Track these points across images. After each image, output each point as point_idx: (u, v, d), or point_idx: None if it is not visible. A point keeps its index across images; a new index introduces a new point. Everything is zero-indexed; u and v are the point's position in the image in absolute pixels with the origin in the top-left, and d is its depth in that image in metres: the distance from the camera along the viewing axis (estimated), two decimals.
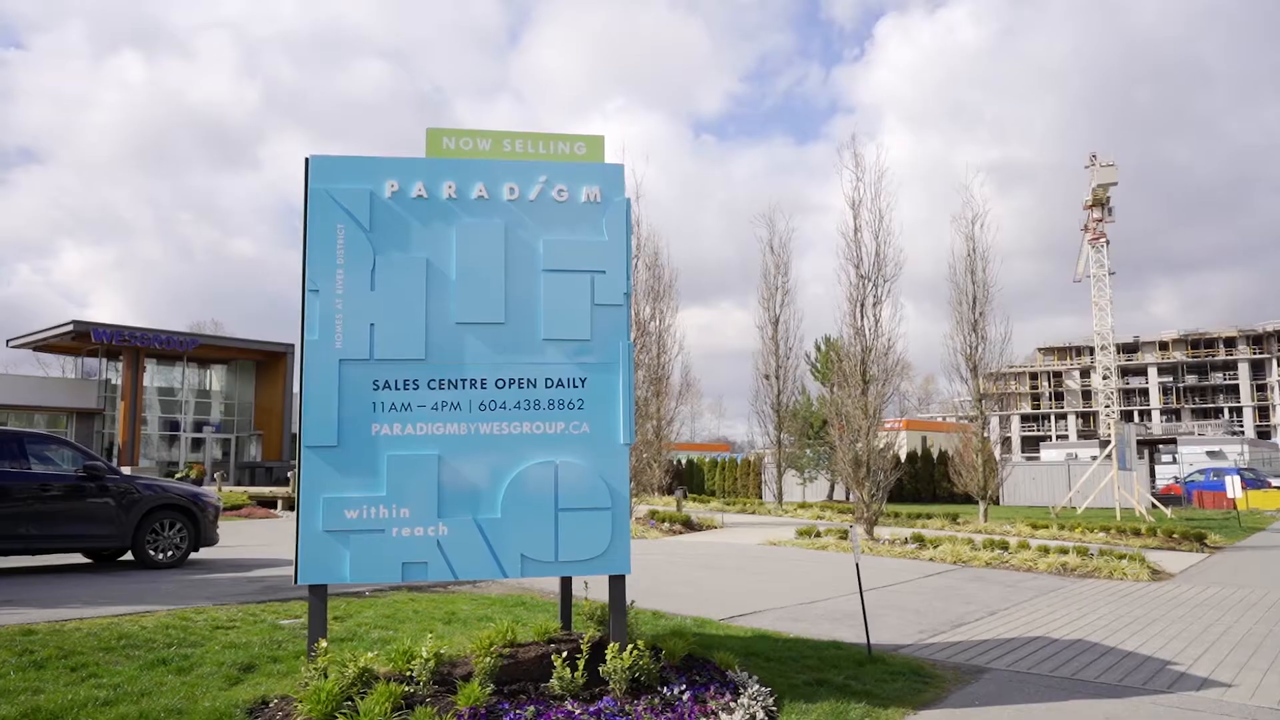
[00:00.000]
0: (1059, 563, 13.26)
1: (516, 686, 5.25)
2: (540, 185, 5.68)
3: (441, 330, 5.48)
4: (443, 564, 5.30)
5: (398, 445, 5.34)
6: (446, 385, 5.45)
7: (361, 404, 5.34)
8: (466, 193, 5.61)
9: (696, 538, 18.02)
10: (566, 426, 5.52)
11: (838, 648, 7.36)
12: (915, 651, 7.50)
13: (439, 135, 5.76)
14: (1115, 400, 26.60)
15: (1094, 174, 60.14)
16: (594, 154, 5.88)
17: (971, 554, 14.22)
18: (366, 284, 5.43)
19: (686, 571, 12.68)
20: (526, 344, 5.55)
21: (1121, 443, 24.30)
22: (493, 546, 5.35)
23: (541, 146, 5.83)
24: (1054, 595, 10.97)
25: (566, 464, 5.47)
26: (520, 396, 5.51)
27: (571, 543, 5.43)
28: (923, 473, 42.53)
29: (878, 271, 16.74)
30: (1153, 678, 6.63)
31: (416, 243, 5.52)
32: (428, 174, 5.59)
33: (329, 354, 5.33)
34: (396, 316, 5.44)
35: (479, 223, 5.59)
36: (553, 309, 5.59)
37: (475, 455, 5.41)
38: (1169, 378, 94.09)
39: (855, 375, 16.53)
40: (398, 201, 5.53)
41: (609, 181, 5.76)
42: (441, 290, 5.51)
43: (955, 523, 20.81)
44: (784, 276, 26.98)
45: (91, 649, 5.91)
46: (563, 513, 5.44)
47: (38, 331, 39.16)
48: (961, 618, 9.25)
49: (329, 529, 5.20)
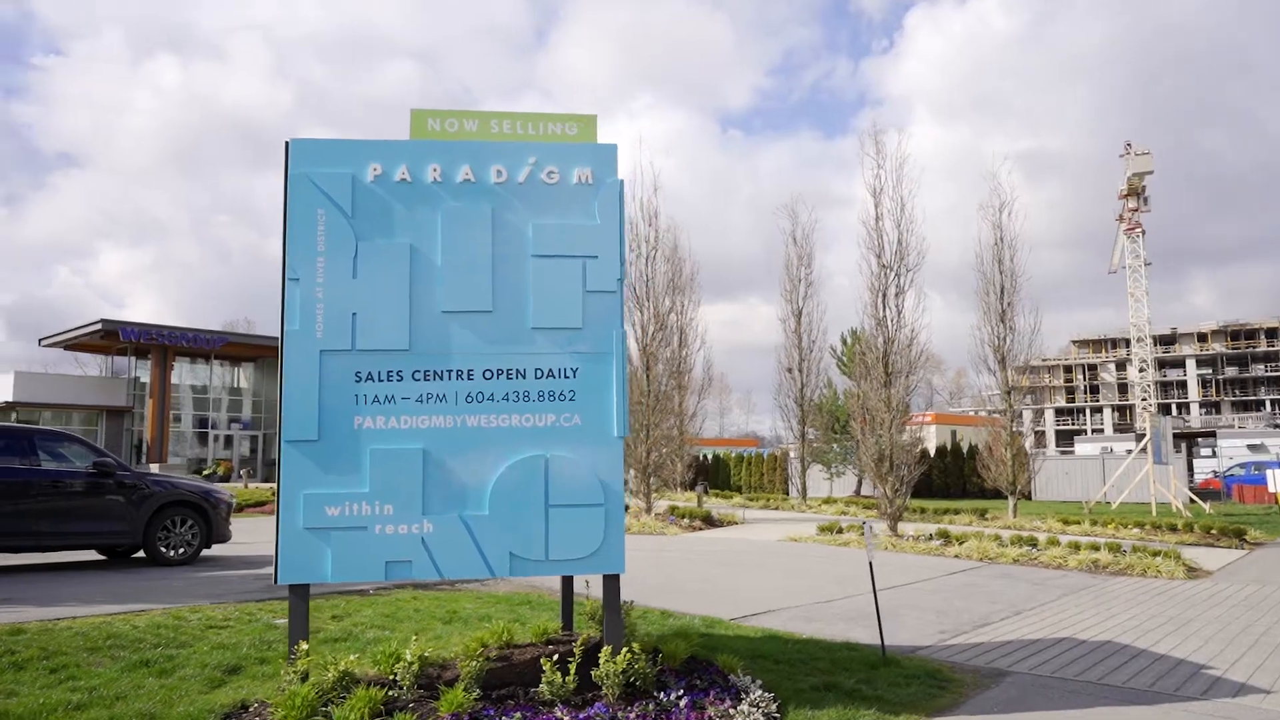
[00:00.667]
0: (1090, 560, 12.81)
1: (506, 691, 5.02)
2: (529, 167, 5.44)
3: (426, 319, 5.25)
4: (428, 563, 5.08)
5: (381, 439, 5.12)
6: (432, 376, 5.22)
7: (343, 396, 5.14)
8: (452, 176, 5.38)
9: (716, 534, 17.73)
10: (557, 419, 5.28)
11: (851, 649, 7.05)
12: (934, 653, 7.17)
13: (424, 116, 5.53)
14: (1152, 393, 25.89)
15: (1129, 163, 58.54)
16: (586, 134, 5.62)
17: (998, 550, 13.79)
18: (348, 271, 5.22)
19: (702, 568, 12.41)
20: (515, 333, 5.32)
21: (1157, 435, 23.59)
22: (480, 544, 5.12)
23: (531, 127, 5.58)
24: (1083, 594, 10.55)
25: (557, 458, 5.23)
26: (509, 388, 5.27)
27: (563, 540, 5.18)
28: (952, 467, 41.74)
29: (900, 260, 16.30)
30: (1186, 682, 6.25)
31: (400, 228, 5.30)
32: (412, 157, 5.36)
33: (309, 344, 5.13)
34: (379, 305, 5.22)
35: (465, 207, 5.36)
36: (543, 296, 5.35)
37: (462, 449, 5.18)
38: (1208, 370, 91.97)
39: (878, 367, 16.12)
40: (381, 185, 5.32)
41: (601, 162, 5.49)
42: (426, 277, 5.28)
43: (983, 518, 20.32)
44: (807, 268, 26.53)
45: (77, 649, 5.77)
46: (553, 509, 5.19)
47: (68, 331, 39.76)
48: (985, 617, 8.89)
49: (310, 526, 5.01)
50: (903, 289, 16.24)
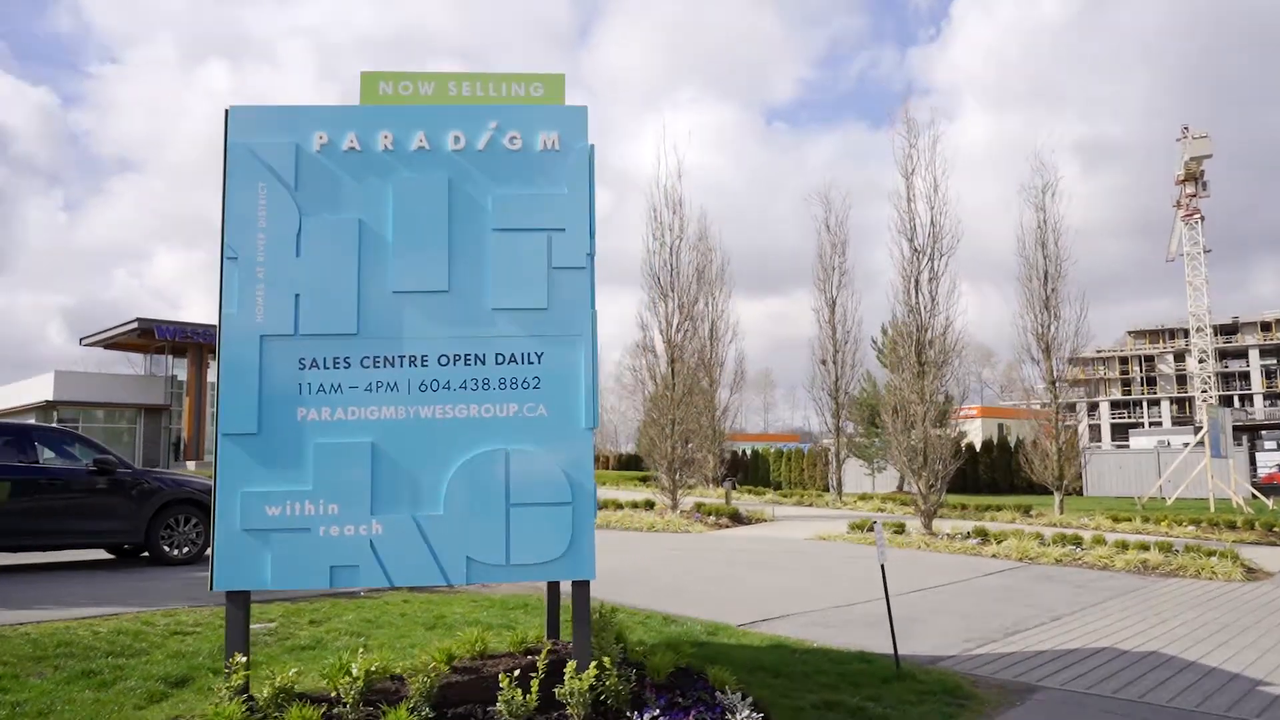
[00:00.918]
0: (1138, 560, 11.96)
1: (462, 710, 4.54)
2: (490, 132, 4.94)
3: (376, 300, 4.79)
4: (376, 568, 4.62)
5: (326, 432, 4.67)
6: (382, 363, 4.76)
7: (286, 385, 4.70)
8: (405, 143, 4.90)
9: (742, 532, 17.12)
10: (520, 409, 4.78)
11: (864, 660, 6.46)
12: (956, 665, 6.55)
13: (374, 79, 5.06)
14: (1212, 384, 24.60)
15: (1186, 147, 56.28)
16: (553, 95, 5.11)
17: (1039, 550, 12.99)
18: (291, 249, 4.78)
19: (719, 569, 11.84)
20: (474, 314, 4.83)
21: (1215, 427, 22.36)
22: (433, 548, 4.64)
23: (492, 88, 5.08)
24: (1129, 597, 9.78)
25: (519, 452, 4.73)
26: (466, 375, 4.79)
27: (525, 543, 4.68)
28: (999, 462, 40.45)
29: (933, 244, 15.48)
30: (1239, 701, 5.56)
31: (348, 202, 4.85)
32: (361, 123, 4.90)
33: (249, 329, 4.70)
34: (325, 285, 4.77)
35: (419, 177, 4.88)
36: (504, 274, 4.85)
37: (414, 443, 4.71)
38: (1273, 360, 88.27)
39: (910, 357, 15.35)
40: (327, 155, 4.86)
41: (570, 126, 4.98)
42: (377, 255, 4.82)
43: (1028, 515, 19.39)
44: (841, 256, 25.65)
45: (22, 658, 5.44)
46: (515, 508, 4.69)
47: (106, 330, 40.41)
48: (1018, 624, 8.21)
49: (248, 528, 4.58)
50: (937, 274, 15.45)
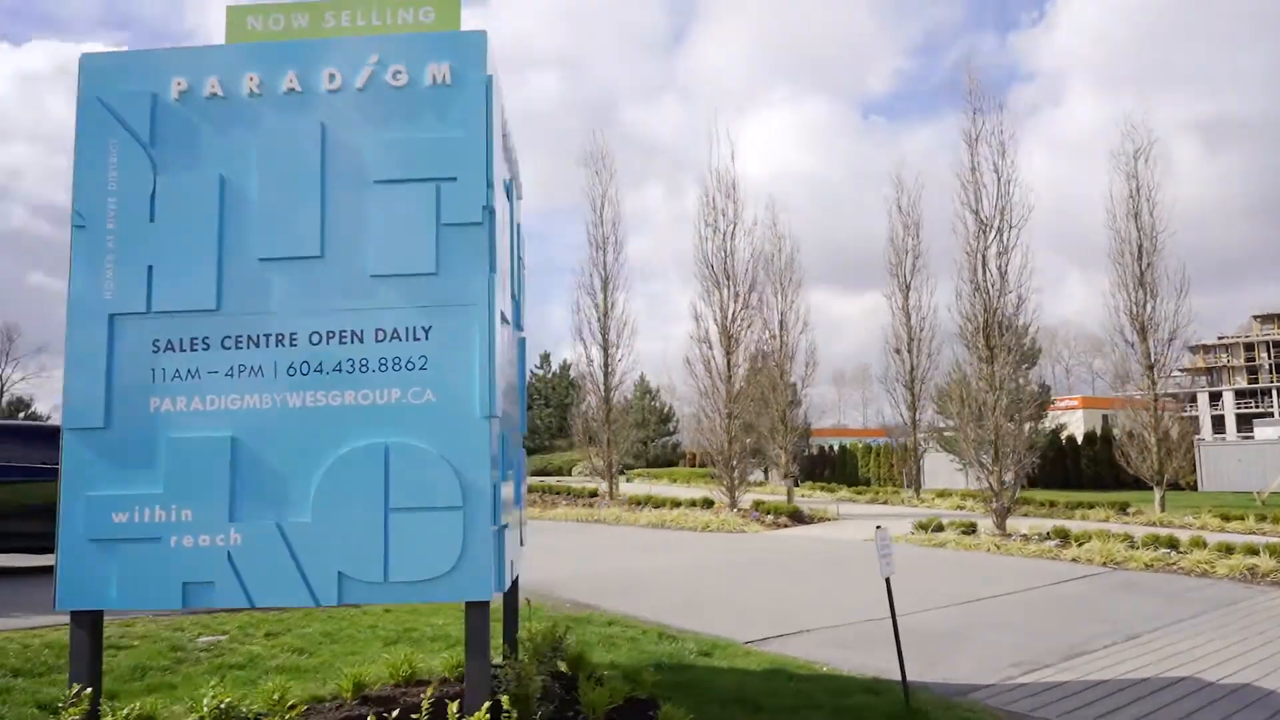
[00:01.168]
0: (1244, 566, 10.36)
1: None
2: (370, 68, 4.17)
3: (240, 270, 4.08)
4: (234, 584, 3.90)
5: (181, 425, 3.99)
6: (245, 343, 4.05)
7: (138, 372, 4.04)
8: (274, 86, 4.18)
9: (799, 531, 15.98)
10: (403, 394, 3.99)
11: (872, 691, 5.44)
12: (990, 698, 5.45)
13: (242, 14, 4.36)
14: None
15: None
16: (446, 20, 4.30)
17: (1126, 553, 11.46)
18: (145, 214, 4.11)
19: (753, 575, 10.82)
20: (351, 284, 4.07)
21: None
22: (300, 562, 3.89)
23: (375, 16, 4.31)
24: (1227, 612, 8.34)
25: (401, 446, 3.94)
26: (342, 355, 4.03)
27: (407, 556, 3.88)
28: (1102, 456, 37.60)
29: (1001, 216, 14.00)
30: None
31: (209, 156, 4.15)
32: (224, 65, 4.20)
33: (96, 306, 4.06)
34: (182, 254, 4.08)
35: (289, 123, 4.15)
36: (386, 234, 4.07)
37: (280, 437, 3.98)
38: None
39: (977, 340, 13.92)
40: (186, 104, 4.18)
41: (464, 55, 4.16)
42: (240, 217, 4.11)
43: (1124, 513, 17.56)
44: (915, 239, 23.96)
45: None
46: (395, 514, 3.91)
47: None
48: (1083, 643, 6.98)
49: (94, 537, 3.93)
50: (1006, 248, 13.94)
